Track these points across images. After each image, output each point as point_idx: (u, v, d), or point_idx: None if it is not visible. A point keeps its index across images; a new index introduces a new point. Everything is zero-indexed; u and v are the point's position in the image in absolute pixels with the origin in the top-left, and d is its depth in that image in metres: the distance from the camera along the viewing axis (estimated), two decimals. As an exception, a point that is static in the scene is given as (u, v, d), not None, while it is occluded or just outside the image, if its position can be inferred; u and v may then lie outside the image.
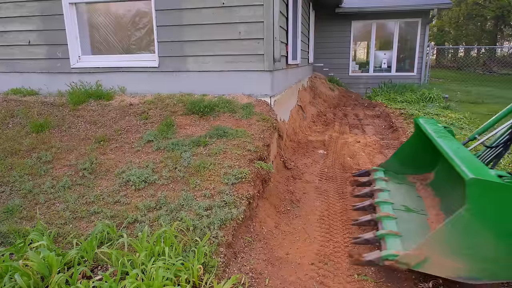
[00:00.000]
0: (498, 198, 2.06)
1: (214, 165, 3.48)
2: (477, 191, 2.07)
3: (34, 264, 2.19)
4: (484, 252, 2.17)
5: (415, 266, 2.27)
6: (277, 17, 4.58)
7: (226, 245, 2.67)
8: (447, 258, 2.21)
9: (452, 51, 29.84)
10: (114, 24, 5.28)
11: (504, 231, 2.12)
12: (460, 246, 2.19)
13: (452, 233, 2.17)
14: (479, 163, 2.32)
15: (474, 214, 2.11)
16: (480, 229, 2.14)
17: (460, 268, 2.20)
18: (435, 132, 3.02)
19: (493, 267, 2.18)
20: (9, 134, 4.24)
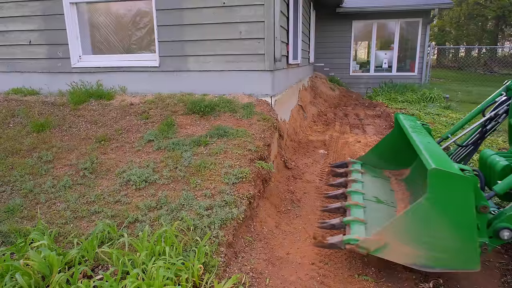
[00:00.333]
0: (457, 190, 2.12)
1: (215, 164, 3.49)
2: (437, 181, 2.12)
3: (35, 264, 2.20)
4: (440, 241, 2.23)
5: (374, 251, 2.34)
6: (278, 17, 4.58)
7: (227, 245, 2.67)
8: (406, 245, 2.27)
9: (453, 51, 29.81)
10: (115, 24, 5.28)
11: (460, 222, 2.17)
12: (418, 234, 2.25)
13: (412, 221, 2.24)
14: (445, 157, 2.37)
15: (433, 204, 2.17)
16: (438, 218, 2.19)
17: (417, 255, 2.27)
18: (411, 127, 3.08)
19: (448, 256, 2.24)
20: (10, 133, 4.24)
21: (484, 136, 3.39)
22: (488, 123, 3.33)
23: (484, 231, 2.28)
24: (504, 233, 2.27)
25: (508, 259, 2.79)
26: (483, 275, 2.59)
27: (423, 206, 2.20)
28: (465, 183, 2.11)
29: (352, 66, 12.58)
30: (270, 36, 4.55)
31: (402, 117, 3.47)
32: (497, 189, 2.30)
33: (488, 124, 3.33)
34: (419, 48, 11.80)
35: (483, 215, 2.24)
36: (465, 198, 2.14)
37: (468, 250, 2.21)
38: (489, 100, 3.43)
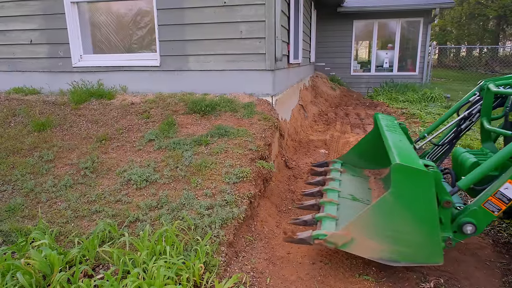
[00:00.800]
0: (418, 185, 2.15)
1: (216, 164, 3.49)
2: (400, 176, 2.17)
3: (36, 263, 2.20)
4: (404, 235, 2.27)
5: (341, 246, 2.38)
6: (279, 16, 4.58)
7: (227, 244, 2.67)
8: (371, 240, 2.32)
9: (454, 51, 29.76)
10: (116, 23, 5.28)
11: (422, 216, 2.21)
12: (383, 228, 2.29)
13: (377, 215, 2.27)
14: (410, 153, 2.40)
15: (397, 198, 2.21)
16: (401, 213, 2.23)
17: (382, 250, 2.33)
18: (386, 126, 3.13)
19: (412, 250, 2.29)
20: (11, 133, 4.25)
21: (459, 135, 3.45)
22: (462, 123, 3.40)
23: (448, 226, 2.32)
24: (467, 227, 2.31)
25: (509, 259, 2.79)
26: (484, 275, 2.59)
27: (387, 200, 2.24)
28: (426, 178, 2.14)
29: (353, 66, 12.57)
30: (271, 35, 4.54)
31: (380, 117, 3.53)
32: (460, 185, 2.33)
33: (463, 123, 3.40)
34: (420, 48, 11.78)
35: (447, 210, 2.28)
36: (427, 193, 2.17)
37: (431, 244, 2.25)
38: (464, 100, 3.49)
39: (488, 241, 3.04)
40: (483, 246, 2.98)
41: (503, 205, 2.24)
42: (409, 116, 8.11)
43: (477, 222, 2.30)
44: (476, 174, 2.28)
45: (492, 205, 2.27)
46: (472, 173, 2.31)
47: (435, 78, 18.31)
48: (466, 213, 2.33)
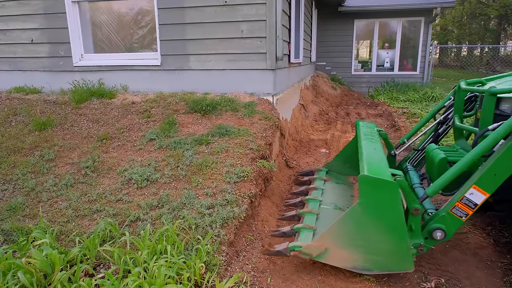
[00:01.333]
0: (384, 194, 2.21)
1: (216, 163, 3.48)
2: (366, 186, 2.22)
3: (36, 262, 2.20)
4: (375, 244, 2.32)
5: (316, 257, 2.44)
6: (280, 16, 4.57)
7: (228, 244, 2.67)
8: (344, 250, 2.38)
9: (455, 50, 29.71)
10: (117, 23, 5.28)
11: (390, 225, 2.26)
12: (354, 238, 2.34)
13: (348, 226, 2.33)
14: (381, 163, 2.46)
15: (365, 208, 2.27)
16: (370, 222, 2.28)
17: (355, 259, 2.39)
18: (364, 134, 3.19)
19: (383, 258, 2.35)
20: (12, 132, 4.25)
21: (437, 140, 3.50)
22: (440, 127, 3.44)
23: (419, 232, 2.36)
24: (437, 233, 2.34)
25: (510, 259, 2.78)
26: (485, 275, 2.59)
27: (355, 211, 2.29)
28: (391, 188, 2.19)
29: (354, 65, 12.56)
30: (271, 35, 4.54)
31: (361, 124, 3.59)
32: (428, 192, 2.36)
33: (440, 128, 3.44)
34: (421, 47, 11.77)
35: (416, 217, 2.32)
36: (393, 202, 2.22)
37: (401, 252, 2.31)
38: (440, 105, 3.53)
39: (489, 241, 3.04)
40: (484, 246, 2.97)
41: (470, 210, 2.27)
42: (410, 116, 8.10)
43: (446, 228, 2.33)
44: (443, 180, 2.29)
45: (459, 211, 2.30)
46: (439, 179, 2.32)
47: (436, 78, 18.29)
48: (435, 219, 2.36)
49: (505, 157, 2.13)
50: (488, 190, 2.21)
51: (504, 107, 2.50)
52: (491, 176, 2.18)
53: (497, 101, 2.54)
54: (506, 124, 2.12)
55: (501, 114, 2.54)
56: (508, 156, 2.12)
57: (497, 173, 2.17)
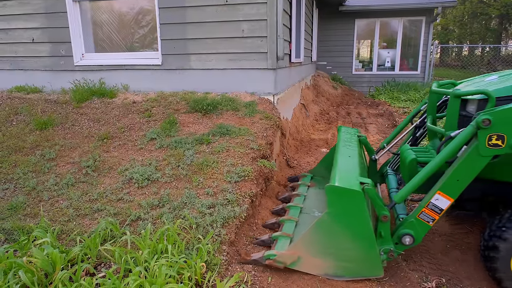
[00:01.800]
0: (351, 203, 2.27)
1: (217, 163, 3.49)
2: (333, 196, 2.29)
3: (38, 261, 2.21)
4: (344, 252, 2.39)
5: (290, 265, 2.49)
6: (281, 15, 4.57)
7: (229, 243, 2.67)
8: (315, 258, 2.44)
9: (456, 50, 29.67)
10: (118, 22, 5.28)
11: (358, 232, 2.32)
12: (325, 246, 2.41)
13: (318, 235, 2.39)
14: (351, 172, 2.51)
15: (334, 217, 2.33)
16: (339, 230, 2.35)
17: (327, 266, 2.45)
18: (343, 141, 3.24)
19: (353, 265, 2.41)
20: (13, 131, 4.26)
21: (415, 143, 3.52)
22: (417, 131, 3.47)
23: (388, 238, 2.40)
24: (406, 239, 2.38)
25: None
26: (486, 275, 2.58)
27: (325, 220, 2.36)
28: (357, 196, 2.24)
29: (355, 65, 12.54)
30: (272, 34, 4.54)
31: (342, 130, 3.65)
32: (395, 199, 2.39)
33: (417, 132, 3.47)
34: (422, 47, 11.75)
35: (385, 223, 2.36)
36: (359, 210, 2.27)
37: (370, 259, 2.37)
38: (416, 109, 3.57)
39: (490, 241, 3.03)
40: (485, 245, 2.97)
41: (436, 215, 2.32)
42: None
43: (415, 233, 2.38)
44: (410, 186, 2.33)
45: (426, 216, 2.34)
46: (406, 186, 2.36)
47: (437, 77, 18.25)
48: (404, 225, 2.40)
49: (466, 163, 2.17)
50: (452, 195, 2.26)
51: (470, 108, 2.53)
52: (455, 181, 2.23)
53: (465, 103, 2.56)
54: (466, 131, 2.16)
55: (467, 116, 2.57)
56: (468, 162, 2.17)
57: (460, 179, 2.22)
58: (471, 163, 2.16)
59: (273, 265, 2.51)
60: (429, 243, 3.01)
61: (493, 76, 2.81)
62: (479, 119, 2.06)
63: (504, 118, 2.03)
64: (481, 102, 2.41)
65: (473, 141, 2.16)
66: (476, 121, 2.08)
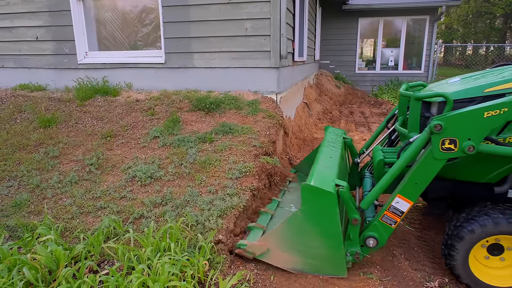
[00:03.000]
0: (323, 203, 2.31)
1: (220, 161, 3.49)
2: (307, 195, 2.33)
3: (41, 258, 2.22)
4: (313, 249, 2.44)
5: (259, 256, 2.55)
6: (284, 14, 4.56)
7: (227, 232, 2.67)
8: (284, 252, 2.49)
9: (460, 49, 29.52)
10: (121, 20, 5.29)
11: (327, 232, 2.36)
12: (294, 242, 2.46)
13: (289, 230, 2.45)
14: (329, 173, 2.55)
15: (306, 215, 2.38)
16: (310, 229, 2.39)
17: (294, 261, 2.51)
18: (328, 141, 3.27)
19: (319, 263, 2.47)
20: (17, 129, 4.28)
21: (392, 146, 3.55)
22: (393, 134, 3.50)
23: (356, 241, 2.46)
24: (370, 241, 2.44)
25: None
26: (489, 275, 2.57)
27: (297, 217, 2.40)
28: (330, 197, 2.28)
29: (358, 64, 12.51)
30: (276, 33, 4.53)
31: (329, 130, 3.69)
32: (362, 206, 2.44)
33: (393, 134, 3.50)
34: (426, 46, 11.70)
35: (355, 226, 2.42)
36: (331, 211, 2.31)
37: (335, 259, 2.42)
38: (391, 112, 3.61)
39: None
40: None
41: (397, 218, 2.37)
42: (414, 115, 8.05)
43: (378, 236, 2.43)
44: (374, 192, 2.39)
45: (388, 219, 2.40)
46: (371, 192, 2.41)
47: (440, 77, 18.16)
48: (369, 228, 2.45)
49: (423, 167, 2.22)
50: (411, 198, 2.31)
51: (433, 110, 2.57)
52: (413, 185, 2.28)
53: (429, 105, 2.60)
54: (421, 136, 2.21)
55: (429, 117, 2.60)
56: (425, 166, 2.21)
57: (418, 182, 2.27)
58: (427, 166, 2.21)
59: (243, 254, 2.58)
60: (432, 243, 3.00)
61: (456, 78, 2.87)
62: (431, 125, 2.12)
63: (455, 123, 2.08)
64: (441, 104, 2.47)
65: (428, 146, 2.21)
66: (429, 126, 2.14)
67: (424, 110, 2.61)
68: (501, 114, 2.02)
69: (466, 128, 2.07)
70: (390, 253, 2.86)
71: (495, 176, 2.38)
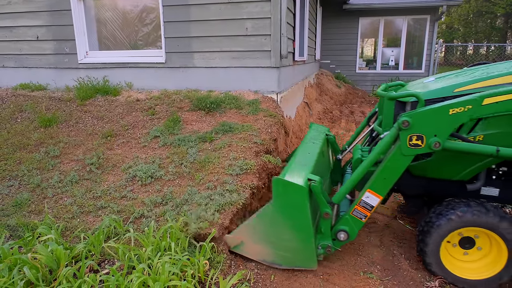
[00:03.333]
0: (293, 197, 2.35)
1: (219, 158, 3.49)
2: (278, 189, 2.38)
3: (42, 257, 2.22)
4: (284, 242, 2.48)
5: (234, 248, 2.61)
6: (285, 13, 4.56)
7: (223, 228, 2.68)
8: (257, 244, 2.55)
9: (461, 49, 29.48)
10: (121, 20, 5.29)
11: (298, 225, 2.41)
12: (267, 234, 2.52)
13: (261, 222, 2.51)
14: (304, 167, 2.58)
15: (277, 208, 2.43)
16: (281, 221, 2.44)
17: (267, 253, 2.56)
18: (309, 138, 3.31)
19: (291, 255, 2.51)
20: (17, 128, 4.28)
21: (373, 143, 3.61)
22: (374, 133, 3.54)
23: (328, 234, 2.51)
24: (340, 234, 2.50)
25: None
26: (490, 275, 2.57)
27: (269, 210, 2.46)
28: (300, 191, 2.32)
29: (358, 63, 12.50)
30: (276, 32, 4.53)
31: (313, 127, 3.73)
32: (334, 200, 2.50)
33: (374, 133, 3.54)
34: (427, 46, 11.68)
35: (326, 220, 2.47)
36: (301, 205, 2.35)
37: (306, 251, 2.46)
38: (372, 111, 3.67)
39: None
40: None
41: (368, 212, 2.44)
42: (415, 114, 8.04)
43: (349, 229, 2.49)
44: (345, 187, 2.46)
45: (359, 213, 2.46)
46: (343, 187, 2.48)
47: (441, 76, 18.15)
48: (340, 222, 2.51)
49: (391, 163, 2.28)
50: (380, 193, 2.38)
51: (407, 109, 2.63)
52: (382, 180, 2.34)
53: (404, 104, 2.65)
54: (390, 132, 2.27)
55: None
56: (393, 161, 2.27)
57: (386, 177, 2.33)
58: (395, 162, 2.27)
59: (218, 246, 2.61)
60: (432, 243, 3.00)
61: (431, 78, 2.94)
62: (399, 121, 2.17)
63: (422, 119, 2.14)
64: (414, 104, 2.54)
65: (397, 142, 2.26)
66: (397, 123, 2.19)
67: (399, 109, 2.67)
68: (465, 111, 2.09)
69: (432, 125, 2.13)
70: (390, 253, 2.86)
71: (467, 174, 2.46)
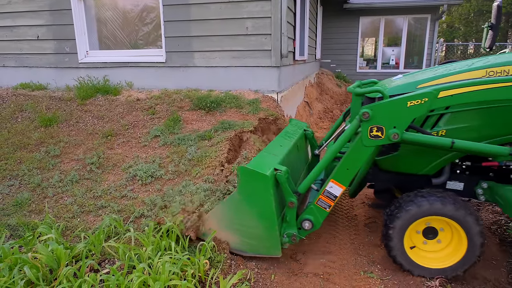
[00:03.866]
0: (258, 185, 2.38)
1: (216, 152, 3.48)
2: (243, 177, 2.42)
3: (42, 257, 2.22)
4: (249, 229, 2.53)
5: (202, 235, 2.63)
6: (285, 13, 4.55)
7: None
8: (223, 231, 2.59)
9: (461, 48, 29.43)
10: (122, 19, 5.29)
11: (262, 213, 2.44)
12: (233, 222, 2.56)
13: (227, 210, 2.55)
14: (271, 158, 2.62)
15: (242, 196, 2.47)
16: (246, 209, 2.48)
17: (233, 241, 2.59)
18: (285, 132, 3.35)
19: (256, 243, 2.55)
20: (18, 128, 4.28)
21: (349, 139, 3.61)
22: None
23: (293, 223, 2.54)
24: (305, 224, 2.53)
25: (515, 259, 2.76)
26: (490, 274, 2.57)
27: (234, 198, 2.50)
28: (264, 180, 2.35)
29: (359, 63, 12.49)
30: (276, 32, 4.52)
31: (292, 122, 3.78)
32: (299, 189, 2.53)
33: None
34: (427, 45, 11.67)
35: (291, 209, 2.50)
36: (265, 193, 2.39)
37: (270, 238, 2.50)
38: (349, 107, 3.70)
39: (494, 240, 3.02)
40: (489, 244, 2.95)
41: (331, 202, 2.49)
42: (415, 114, 8.04)
43: (314, 219, 2.53)
44: (310, 177, 2.51)
45: (323, 203, 2.50)
46: (308, 177, 2.52)
47: (442, 76, 18.12)
48: (306, 211, 2.55)
49: (353, 153, 2.35)
50: (343, 183, 2.43)
51: None
52: (345, 170, 2.41)
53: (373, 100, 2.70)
54: (352, 124, 2.34)
55: None
56: (355, 152, 2.34)
57: (349, 168, 2.39)
58: (357, 153, 2.34)
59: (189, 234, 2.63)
60: (433, 242, 2.99)
61: (399, 75, 3.02)
62: (360, 113, 2.22)
63: (381, 111, 2.20)
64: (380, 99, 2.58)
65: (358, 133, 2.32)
66: (359, 115, 2.24)
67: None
68: (422, 103, 2.16)
69: (391, 116, 2.20)
70: (390, 252, 2.85)
71: (432, 168, 2.52)
